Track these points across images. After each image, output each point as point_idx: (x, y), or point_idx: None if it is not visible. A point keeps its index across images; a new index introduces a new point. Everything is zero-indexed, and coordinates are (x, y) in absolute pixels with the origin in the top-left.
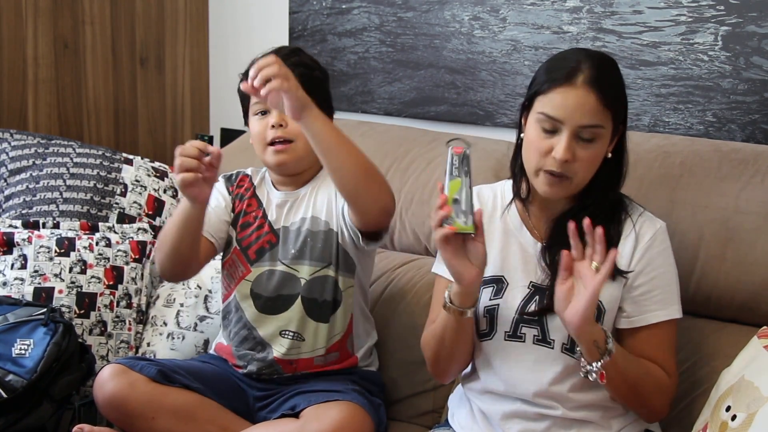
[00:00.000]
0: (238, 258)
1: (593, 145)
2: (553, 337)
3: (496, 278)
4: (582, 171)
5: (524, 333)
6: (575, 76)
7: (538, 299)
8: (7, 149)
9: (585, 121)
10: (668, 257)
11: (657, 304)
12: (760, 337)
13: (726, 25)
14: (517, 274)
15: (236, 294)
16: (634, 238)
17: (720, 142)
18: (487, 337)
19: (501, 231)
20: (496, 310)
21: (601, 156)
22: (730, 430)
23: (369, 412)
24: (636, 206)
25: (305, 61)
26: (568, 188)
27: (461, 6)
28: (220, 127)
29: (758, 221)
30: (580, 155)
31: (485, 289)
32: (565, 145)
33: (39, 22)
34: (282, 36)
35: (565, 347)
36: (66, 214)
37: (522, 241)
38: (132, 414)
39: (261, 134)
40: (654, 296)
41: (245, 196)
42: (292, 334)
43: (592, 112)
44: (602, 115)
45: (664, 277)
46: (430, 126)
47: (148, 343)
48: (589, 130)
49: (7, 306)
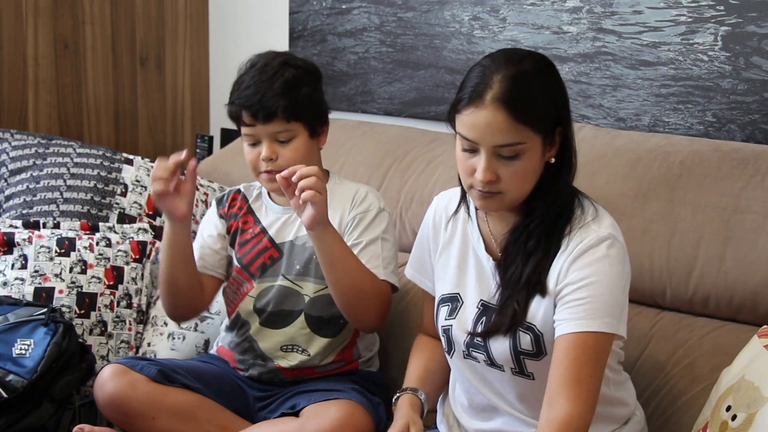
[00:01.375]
0: (241, 275)
1: (517, 161)
2: (499, 362)
3: (452, 296)
4: (512, 186)
5: (475, 356)
6: (484, 93)
7: (485, 320)
8: (8, 149)
9: (498, 140)
10: (604, 267)
11: (583, 313)
12: (761, 337)
13: (726, 25)
14: (471, 291)
15: (240, 311)
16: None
17: (720, 142)
18: (449, 354)
19: (459, 245)
20: (450, 330)
21: (532, 168)
22: (731, 429)
23: (368, 411)
24: (588, 211)
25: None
26: (502, 203)
27: (461, 6)
28: (220, 127)
29: (758, 221)
30: (504, 173)
31: (442, 306)
32: (484, 165)
33: (39, 22)
34: (282, 36)
35: (514, 371)
36: (66, 214)
37: (479, 254)
38: (132, 414)
39: (253, 162)
40: (581, 304)
41: (239, 214)
42: (295, 348)
43: (505, 131)
44: (517, 132)
45: (596, 286)
46: (430, 126)
47: (149, 343)
48: (508, 149)
49: (7, 306)
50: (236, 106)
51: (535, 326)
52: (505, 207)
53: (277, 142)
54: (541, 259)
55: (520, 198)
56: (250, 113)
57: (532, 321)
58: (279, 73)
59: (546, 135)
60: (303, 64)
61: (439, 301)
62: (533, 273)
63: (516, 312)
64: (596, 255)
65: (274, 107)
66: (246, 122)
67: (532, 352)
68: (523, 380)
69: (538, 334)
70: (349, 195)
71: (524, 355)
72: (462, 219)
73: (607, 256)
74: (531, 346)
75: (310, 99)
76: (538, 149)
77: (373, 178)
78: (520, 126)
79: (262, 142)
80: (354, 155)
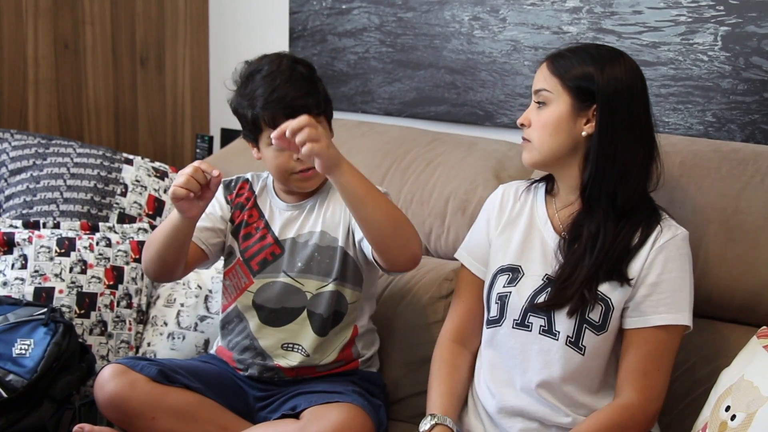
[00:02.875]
0: (241, 269)
1: (544, 109)
2: (558, 329)
3: (513, 267)
4: (535, 135)
5: (531, 322)
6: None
7: (550, 291)
8: (8, 149)
9: (535, 86)
10: (683, 263)
11: (665, 306)
12: (760, 337)
13: (726, 25)
14: (534, 265)
15: (238, 305)
16: (651, 242)
17: (720, 142)
18: (496, 324)
19: (526, 224)
20: (508, 297)
21: (555, 122)
22: (730, 429)
23: (369, 414)
24: (662, 213)
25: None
26: (531, 152)
27: (461, 6)
28: (220, 127)
29: (758, 221)
30: (533, 119)
31: (501, 276)
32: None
33: (39, 22)
34: (282, 36)
35: (569, 340)
36: (66, 214)
37: (545, 235)
38: (132, 414)
39: (283, 166)
40: (662, 299)
41: (246, 206)
42: (295, 347)
43: (541, 79)
44: (550, 81)
45: (675, 281)
46: (430, 126)
47: (149, 343)
48: (537, 94)
49: (7, 306)
50: (267, 111)
51: (609, 299)
52: (535, 159)
53: None
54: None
55: (544, 150)
56: (284, 114)
57: (607, 294)
58: (297, 72)
59: (575, 98)
60: (305, 60)
61: (497, 271)
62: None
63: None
64: (682, 251)
65: (307, 105)
66: (280, 125)
67: (597, 324)
68: (573, 354)
69: (609, 308)
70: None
71: (588, 325)
72: (530, 202)
73: (687, 254)
74: (599, 318)
75: (326, 93)
76: (564, 107)
77: (373, 178)
78: (552, 77)
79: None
80: (354, 155)
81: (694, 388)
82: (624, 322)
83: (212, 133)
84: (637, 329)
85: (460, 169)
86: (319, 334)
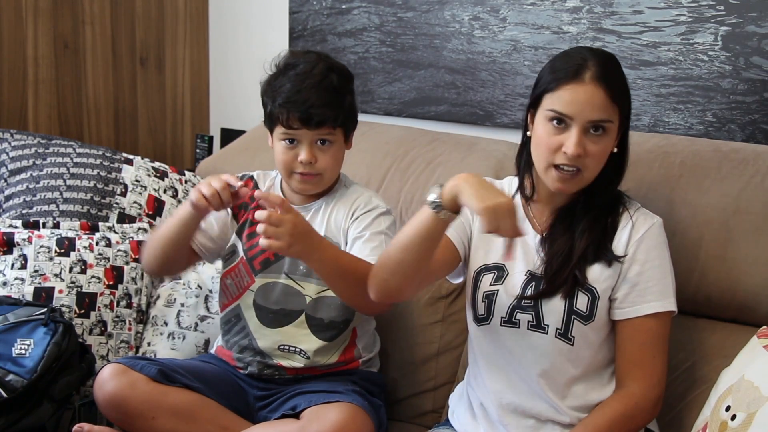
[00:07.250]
0: (244, 268)
1: (602, 139)
2: (547, 322)
3: (498, 266)
4: (592, 164)
5: (519, 319)
6: (582, 72)
7: (535, 285)
8: (8, 149)
9: (594, 116)
10: (663, 251)
11: (652, 295)
12: (760, 337)
13: (726, 25)
14: (516, 263)
15: (240, 304)
16: (629, 229)
17: (720, 142)
18: (484, 322)
19: None
20: (495, 295)
21: (609, 150)
22: (730, 429)
23: (369, 414)
24: (634, 202)
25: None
26: (580, 182)
27: (461, 6)
28: (220, 127)
29: (758, 221)
30: (591, 149)
31: (486, 275)
32: (576, 140)
33: (39, 22)
34: (282, 36)
35: (558, 332)
36: (66, 214)
37: (525, 231)
38: (132, 414)
39: (288, 163)
40: (649, 287)
41: (250, 205)
42: (295, 350)
43: (602, 107)
44: (611, 110)
45: (659, 269)
46: (430, 126)
47: (149, 342)
48: (599, 125)
49: (7, 306)
50: (284, 109)
51: (595, 289)
52: (580, 187)
53: (316, 146)
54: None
55: (591, 179)
56: (299, 118)
57: (593, 284)
58: (328, 80)
59: (622, 121)
60: (343, 69)
61: (481, 269)
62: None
63: (576, 276)
64: (661, 239)
65: (324, 116)
66: (292, 126)
67: (585, 314)
68: (563, 345)
69: (595, 297)
70: (354, 198)
71: (576, 315)
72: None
73: (665, 241)
74: (586, 308)
75: (351, 107)
76: (615, 132)
77: (373, 178)
78: (613, 105)
79: (302, 144)
80: (354, 155)
81: (694, 388)
82: (615, 314)
83: (212, 133)
84: (629, 320)
85: (461, 169)
86: (319, 338)
